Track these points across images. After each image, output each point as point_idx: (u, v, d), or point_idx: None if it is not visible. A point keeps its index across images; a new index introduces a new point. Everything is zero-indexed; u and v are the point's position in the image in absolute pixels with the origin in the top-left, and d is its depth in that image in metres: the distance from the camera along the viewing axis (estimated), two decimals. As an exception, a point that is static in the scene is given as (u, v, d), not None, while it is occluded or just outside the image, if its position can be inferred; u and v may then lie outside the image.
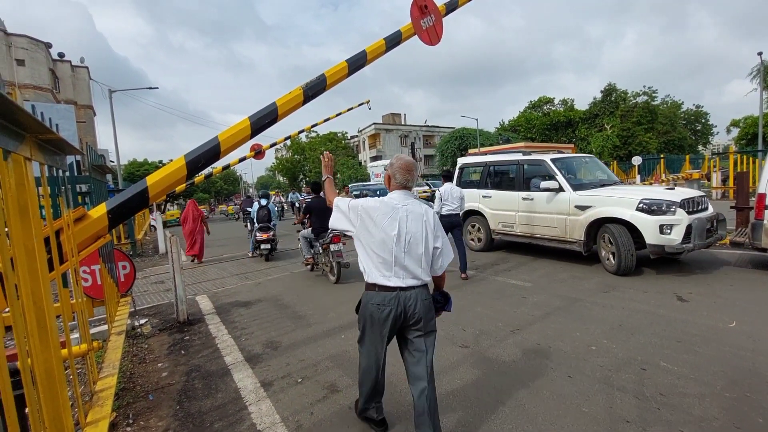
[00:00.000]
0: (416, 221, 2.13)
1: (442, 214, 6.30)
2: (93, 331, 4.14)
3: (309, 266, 7.41)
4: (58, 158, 2.08)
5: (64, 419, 1.58)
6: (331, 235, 6.38)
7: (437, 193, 6.59)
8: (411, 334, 2.21)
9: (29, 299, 1.44)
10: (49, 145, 1.86)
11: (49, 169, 2.13)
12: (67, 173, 2.53)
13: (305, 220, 7.10)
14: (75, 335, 3.64)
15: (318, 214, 6.69)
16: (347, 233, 2.29)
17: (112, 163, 23.85)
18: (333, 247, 6.34)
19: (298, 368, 3.43)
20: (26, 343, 1.40)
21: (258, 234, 9.00)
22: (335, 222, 2.27)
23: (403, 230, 2.09)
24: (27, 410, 1.46)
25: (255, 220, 9.37)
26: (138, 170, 40.42)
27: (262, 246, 8.96)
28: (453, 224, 6.27)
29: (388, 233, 2.08)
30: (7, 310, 1.43)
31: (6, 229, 1.42)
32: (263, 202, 9.71)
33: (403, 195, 2.19)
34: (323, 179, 2.69)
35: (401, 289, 2.12)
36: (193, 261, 9.65)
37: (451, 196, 6.33)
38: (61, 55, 33.92)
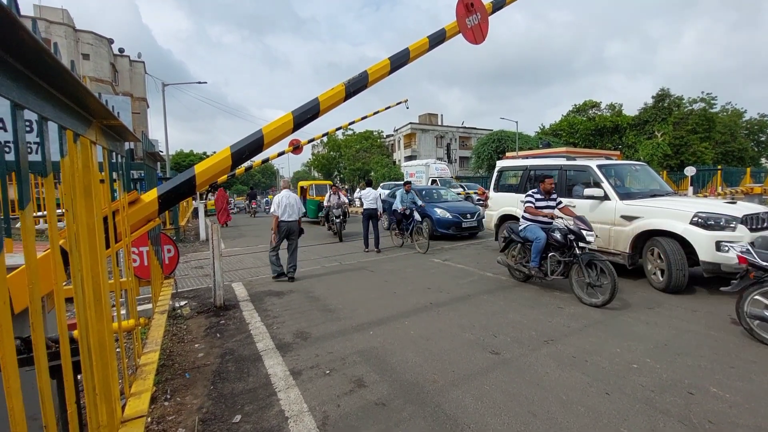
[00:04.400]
0: (293, 198, 6.63)
1: (365, 207, 9.22)
2: (138, 309, 4.39)
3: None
4: (118, 144, 2.22)
5: (112, 388, 1.69)
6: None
7: (359, 193, 10.28)
8: (291, 239, 6.58)
9: (88, 274, 1.54)
10: (111, 130, 1.98)
11: (109, 153, 2.28)
12: (125, 159, 2.70)
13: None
14: (122, 311, 3.88)
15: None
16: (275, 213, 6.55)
17: (161, 152, 25.26)
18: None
19: (326, 360, 3.48)
20: (84, 315, 1.50)
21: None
22: (275, 209, 6.54)
23: (289, 201, 6.55)
24: (80, 377, 1.57)
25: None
26: (184, 161, 42.62)
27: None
28: (372, 215, 9.17)
29: (285, 202, 6.50)
30: (68, 282, 1.53)
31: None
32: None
33: (287, 191, 6.65)
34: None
35: (290, 221, 6.52)
36: (223, 226, 15.21)
37: (370, 196, 9.28)
38: (121, 50, 36.33)
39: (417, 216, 9.05)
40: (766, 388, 2.82)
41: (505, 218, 7.97)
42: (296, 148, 12.41)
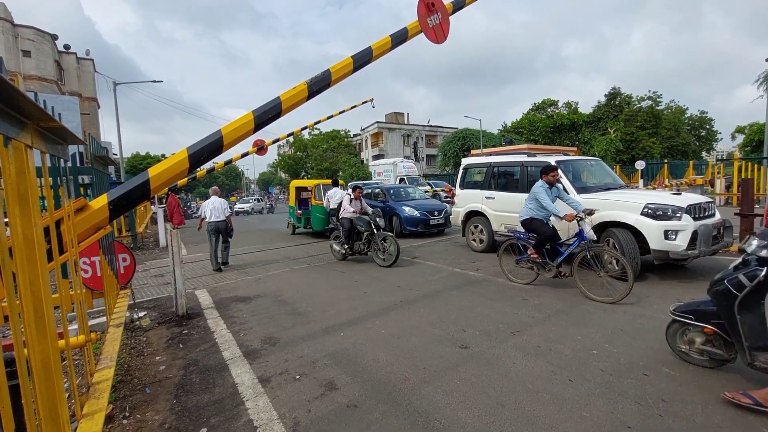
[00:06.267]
0: (218, 202, 7.85)
1: (331, 207, 9.27)
2: (92, 322, 4.13)
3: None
4: (60, 147, 2.06)
5: (60, 411, 1.56)
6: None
7: (326, 194, 9.73)
8: (220, 236, 7.88)
9: (27, 289, 1.42)
10: (51, 133, 1.84)
11: (51, 158, 2.11)
12: (69, 163, 2.51)
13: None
14: (74, 326, 3.62)
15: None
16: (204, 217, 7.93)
17: (115, 156, 23.86)
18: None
19: (296, 365, 3.41)
20: (23, 334, 1.38)
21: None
22: (201, 212, 8.06)
23: (214, 205, 7.80)
24: (23, 401, 1.44)
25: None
26: (141, 163, 40.59)
27: None
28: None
29: (211, 206, 7.81)
30: (4, 299, 1.41)
31: (6, 219, 1.41)
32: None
33: (215, 197, 7.93)
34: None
35: (217, 221, 7.75)
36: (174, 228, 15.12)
37: (336, 196, 9.28)
38: (67, 47, 33.95)
39: (587, 229, 4.79)
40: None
41: (472, 214, 8.16)
42: (261, 148, 12.12)
